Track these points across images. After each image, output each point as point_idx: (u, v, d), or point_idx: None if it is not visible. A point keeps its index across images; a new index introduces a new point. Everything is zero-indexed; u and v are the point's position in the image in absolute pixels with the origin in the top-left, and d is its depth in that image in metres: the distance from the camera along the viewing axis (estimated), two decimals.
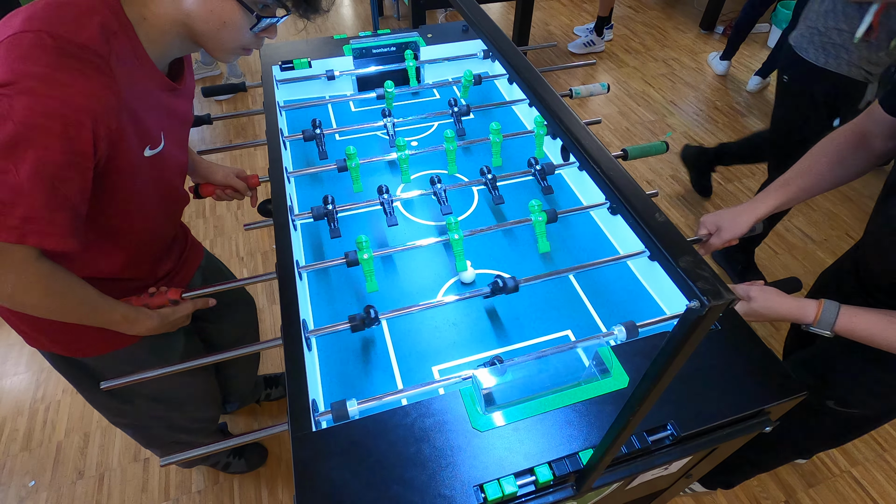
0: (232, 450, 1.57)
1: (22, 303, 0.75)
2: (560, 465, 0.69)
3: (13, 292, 0.72)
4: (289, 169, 1.24)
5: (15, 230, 0.65)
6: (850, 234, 2.37)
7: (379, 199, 1.10)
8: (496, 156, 1.30)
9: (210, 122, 1.34)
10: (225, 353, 0.89)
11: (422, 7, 2.40)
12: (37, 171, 0.64)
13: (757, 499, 1.56)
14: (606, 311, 0.99)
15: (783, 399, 0.77)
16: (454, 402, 0.75)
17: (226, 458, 1.58)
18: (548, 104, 0.57)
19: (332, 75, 1.49)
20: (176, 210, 1.01)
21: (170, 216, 0.99)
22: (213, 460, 1.56)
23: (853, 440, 1.03)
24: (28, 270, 0.71)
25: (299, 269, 0.97)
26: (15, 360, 1.91)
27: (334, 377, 0.89)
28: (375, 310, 0.88)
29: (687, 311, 0.39)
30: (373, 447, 0.71)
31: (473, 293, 0.93)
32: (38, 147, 0.63)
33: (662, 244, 0.42)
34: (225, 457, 1.57)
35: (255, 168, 2.70)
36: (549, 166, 1.18)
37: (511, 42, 0.69)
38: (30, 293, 0.73)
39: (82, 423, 1.73)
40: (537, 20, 4.05)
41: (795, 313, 0.88)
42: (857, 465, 1.63)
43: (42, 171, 0.64)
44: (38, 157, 0.63)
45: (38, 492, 1.57)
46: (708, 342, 0.83)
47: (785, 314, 0.89)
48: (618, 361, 0.80)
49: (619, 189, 0.47)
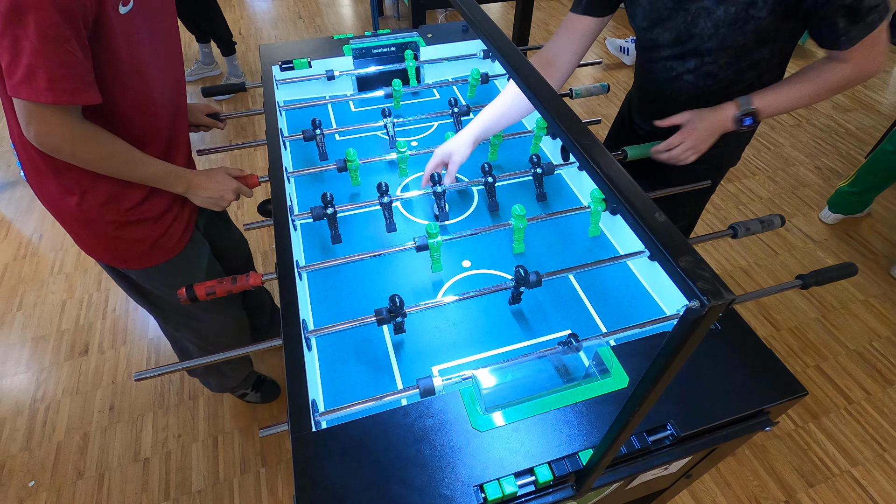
0: (252, 383, 1.74)
1: (84, 158, 0.91)
2: (560, 465, 0.69)
3: (73, 149, 0.88)
4: (289, 169, 1.24)
5: (48, 92, 0.78)
6: (850, 235, 2.37)
7: (378, 202, 1.11)
8: (493, 153, 1.31)
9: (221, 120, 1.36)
10: (225, 353, 0.89)
11: (422, 7, 2.40)
12: (41, 33, 0.74)
13: (757, 499, 1.56)
14: (606, 311, 0.99)
15: (783, 399, 0.77)
16: (454, 402, 0.75)
17: (243, 388, 1.73)
18: (548, 104, 0.57)
19: (332, 75, 1.49)
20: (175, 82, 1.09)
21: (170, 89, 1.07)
22: (238, 390, 1.72)
23: None
24: (77, 126, 0.87)
25: (299, 269, 0.97)
26: (15, 360, 1.91)
27: (334, 377, 0.89)
28: (401, 298, 0.87)
29: (687, 311, 0.39)
30: (373, 447, 0.71)
31: (478, 292, 0.93)
32: (34, 10, 0.72)
33: (662, 244, 0.42)
34: (243, 387, 1.72)
35: (255, 168, 2.70)
36: (549, 166, 1.18)
37: (511, 42, 0.69)
38: (85, 147, 0.89)
39: (82, 423, 1.73)
40: (537, 20, 4.05)
41: (721, 111, 1.05)
42: (857, 466, 1.63)
43: (46, 32, 0.74)
44: (38, 20, 0.73)
45: (38, 492, 1.58)
46: (708, 342, 0.83)
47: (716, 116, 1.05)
48: (618, 361, 0.80)
49: (619, 189, 0.47)
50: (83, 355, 1.92)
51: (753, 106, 1.02)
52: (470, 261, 1.09)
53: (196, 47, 3.39)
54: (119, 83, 0.91)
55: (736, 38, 0.98)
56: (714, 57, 1.04)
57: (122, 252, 1.11)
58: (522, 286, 0.93)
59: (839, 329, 2.00)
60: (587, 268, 0.99)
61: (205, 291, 0.91)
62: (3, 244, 2.35)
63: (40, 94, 0.79)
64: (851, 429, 1.72)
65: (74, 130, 0.87)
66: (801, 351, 1.94)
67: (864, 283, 2.17)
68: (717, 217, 2.48)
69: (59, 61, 0.77)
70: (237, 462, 1.64)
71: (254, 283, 0.93)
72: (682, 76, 1.11)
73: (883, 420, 1.74)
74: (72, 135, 0.87)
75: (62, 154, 0.90)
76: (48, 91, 0.79)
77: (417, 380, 0.79)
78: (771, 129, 3.02)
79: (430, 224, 0.99)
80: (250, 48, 3.71)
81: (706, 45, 1.02)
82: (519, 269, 0.92)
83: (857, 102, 3.22)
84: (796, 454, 1.66)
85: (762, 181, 2.67)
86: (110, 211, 1.04)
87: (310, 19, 4.05)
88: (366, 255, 1.01)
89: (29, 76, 0.77)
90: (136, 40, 0.92)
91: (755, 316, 2.06)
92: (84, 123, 0.88)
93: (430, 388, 0.77)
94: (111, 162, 0.94)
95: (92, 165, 0.94)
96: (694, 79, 1.10)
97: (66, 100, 0.81)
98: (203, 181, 1.08)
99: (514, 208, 1.04)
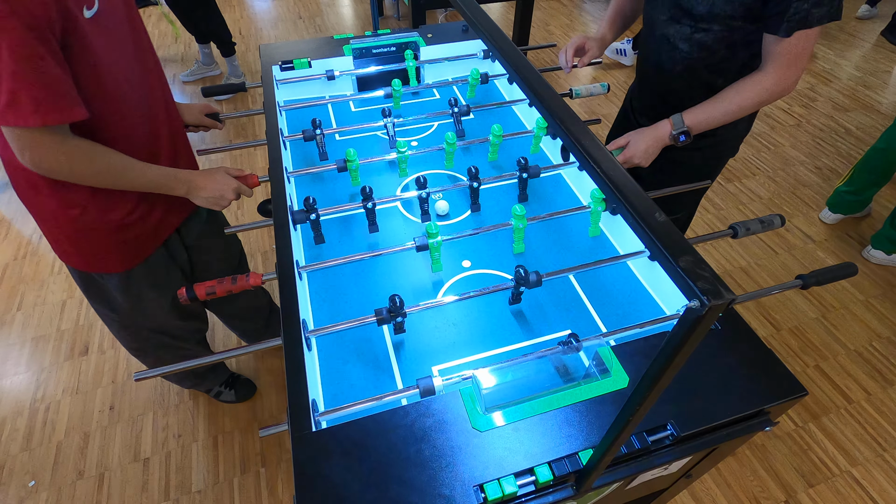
0: (224, 381, 1.75)
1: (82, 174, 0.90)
2: (560, 465, 0.69)
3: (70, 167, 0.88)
4: (289, 169, 1.24)
5: (34, 115, 0.77)
6: (850, 235, 2.37)
7: (362, 206, 1.10)
8: (493, 153, 1.31)
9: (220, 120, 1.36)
10: (225, 353, 0.89)
11: (422, 7, 2.40)
12: (15, 54, 0.73)
13: (757, 499, 1.56)
14: (606, 311, 0.99)
15: (783, 399, 0.77)
16: (454, 402, 0.75)
17: (218, 386, 1.74)
18: (548, 104, 0.57)
19: (332, 75, 1.49)
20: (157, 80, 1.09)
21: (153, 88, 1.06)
22: (206, 386, 1.72)
23: None
24: (69, 143, 0.85)
25: (299, 269, 0.97)
26: (15, 360, 1.91)
27: (334, 377, 0.89)
28: (401, 298, 0.87)
29: (687, 311, 0.39)
30: (373, 447, 0.71)
31: (478, 292, 0.93)
32: (3, 32, 0.71)
33: (662, 244, 0.42)
34: (217, 385, 1.73)
35: (255, 168, 2.70)
36: (535, 169, 1.17)
37: (511, 42, 0.69)
38: (81, 163, 0.88)
39: (82, 423, 1.73)
40: (537, 20, 4.05)
41: (658, 130, 1.16)
42: (857, 465, 1.63)
43: (20, 53, 0.73)
44: (9, 43, 0.72)
45: (38, 492, 1.58)
46: (708, 342, 0.83)
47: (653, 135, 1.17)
48: (618, 361, 0.80)
49: (619, 189, 0.47)
50: (83, 355, 1.92)
51: (685, 125, 1.14)
52: (470, 261, 1.09)
53: (196, 47, 3.39)
54: (103, 92, 0.90)
55: (724, 7, 1.03)
56: (707, 24, 1.08)
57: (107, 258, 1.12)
58: (522, 286, 0.93)
59: (839, 329, 2.00)
60: (587, 268, 0.99)
61: (205, 291, 0.91)
62: (3, 244, 2.35)
63: (28, 118, 0.77)
64: (851, 429, 1.72)
65: (68, 148, 0.86)
66: (801, 351, 1.94)
67: (864, 283, 2.17)
68: (717, 217, 2.48)
69: (40, 82, 0.76)
70: (237, 462, 1.64)
71: (254, 283, 0.93)
72: (678, 45, 1.16)
73: (883, 420, 1.74)
74: (66, 154, 0.86)
75: (61, 174, 0.89)
76: (34, 114, 0.77)
77: (417, 380, 0.79)
78: (771, 129, 3.03)
79: (430, 224, 0.99)
80: (250, 48, 3.72)
81: (698, 8, 1.07)
82: (519, 269, 0.92)
83: (857, 102, 3.22)
84: (796, 454, 1.66)
85: (762, 181, 2.67)
86: (109, 219, 1.04)
87: (310, 19, 4.05)
88: (366, 255, 1.01)
89: (12, 102, 0.76)
90: (108, 43, 0.91)
91: (755, 316, 2.06)
92: (75, 139, 0.87)
93: (430, 388, 0.77)
94: (109, 174, 0.94)
95: (91, 180, 0.93)
96: (688, 49, 1.15)
97: (54, 119, 0.79)
98: (203, 181, 1.08)
99: (514, 208, 1.04)
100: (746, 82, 1.08)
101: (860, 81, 3.39)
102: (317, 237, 1.12)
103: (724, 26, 1.07)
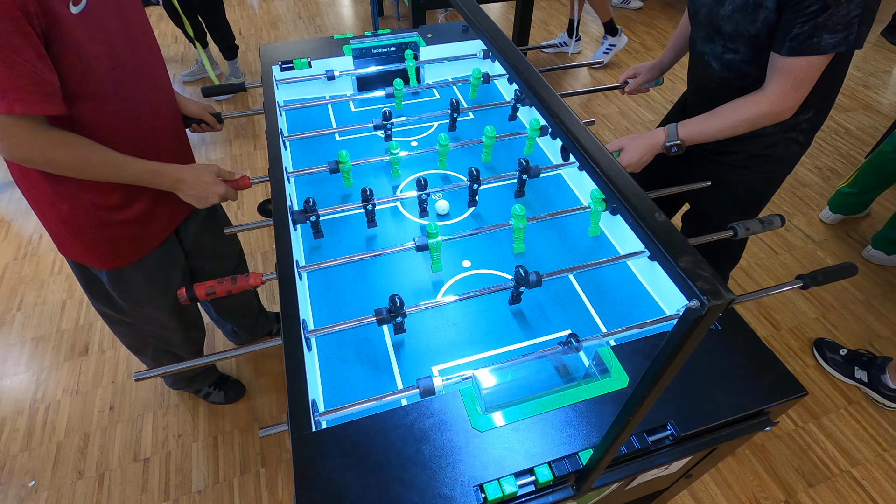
0: (213, 381, 1.75)
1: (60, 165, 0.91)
2: (560, 465, 0.69)
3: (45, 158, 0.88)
4: (289, 169, 1.24)
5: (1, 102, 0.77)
6: (850, 235, 2.37)
7: (362, 206, 1.11)
8: (486, 154, 1.32)
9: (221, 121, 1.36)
10: (225, 353, 0.89)
11: (422, 7, 2.40)
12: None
13: (757, 499, 1.56)
14: (606, 311, 0.99)
15: (783, 399, 0.77)
16: (454, 402, 0.75)
17: (207, 387, 1.74)
18: (548, 104, 0.57)
19: (332, 75, 1.49)
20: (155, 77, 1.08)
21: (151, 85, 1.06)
22: (195, 387, 1.72)
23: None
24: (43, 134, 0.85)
25: (299, 269, 0.97)
26: (15, 360, 1.91)
27: (334, 377, 0.89)
28: (401, 298, 0.87)
29: (686, 310, 0.39)
30: (373, 447, 0.71)
31: (478, 292, 0.93)
32: None
33: (662, 244, 0.42)
34: (206, 386, 1.74)
35: (255, 168, 2.70)
36: (536, 169, 1.18)
37: (511, 42, 0.69)
38: (57, 154, 0.88)
39: (82, 423, 1.73)
40: (537, 20, 4.05)
41: (652, 139, 1.18)
42: (857, 466, 1.63)
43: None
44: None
45: (37, 492, 1.57)
46: (708, 342, 0.83)
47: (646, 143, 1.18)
48: (618, 361, 0.80)
49: (619, 189, 0.47)
50: (83, 355, 1.92)
51: (679, 137, 1.15)
52: (470, 261, 1.09)
53: (195, 48, 3.39)
54: (91, 86, 0.90)
55: (748, 27, 1.03)
56: (734, 44, 1.09)
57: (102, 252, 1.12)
58: (522, 286, 0.93)
59: (839, 329, 2.00)
60: (587, 268, 0.99)
61: (205, 291, 0.91)
62: (3, 244, 2.35)
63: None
64: (851, 429, 1.72)
65: (42, 139, 0.85)
66: (801, 351, 1.94)
67: (864, 283, 2.17)
68: None
69: (9, 70, 0.76)
70: (237, 462, 1.64)
71: (254, 283, 0.93)
72: (711, 63, 1.17)
73: (883, 420, 1.74)
74: (40, 144, 0.85)
75: (36, 164, 0.89)
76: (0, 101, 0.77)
77: (417, 380, 0.79)
78: None
79: (430, 224, 0.99)
80: (250, 48, 3.72)
81: (725, 27, 1.07)
82: (519, 269, 0.92)
83: (857, 102, 3.22)
84: (796, 454, 1.66)
85: None
86: (100, 212, 1.05)
87: (310, 19, 4.05)
88: (366, 254, 1.01)
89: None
90: (100, 40, 0.90)
91: (755, 316, 2.05)
92: (50, 130, 0.87)
93: (430, 388, 0.77)
94: (87, 166, 0.93)
95: (72, 172, 0.93)
96: (719, 67, 1.16)
97: (21, 109, 0.79)
98: (190, 178, 1.07)
99: (514, 208, 1.04)
100: (744, 101, 1.07)
101: (860, 81, 3.39)
102: (316, 234, 1.12)
103: (749, 46, 1.06)
